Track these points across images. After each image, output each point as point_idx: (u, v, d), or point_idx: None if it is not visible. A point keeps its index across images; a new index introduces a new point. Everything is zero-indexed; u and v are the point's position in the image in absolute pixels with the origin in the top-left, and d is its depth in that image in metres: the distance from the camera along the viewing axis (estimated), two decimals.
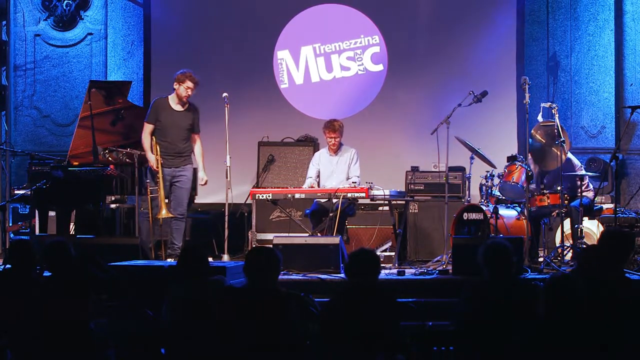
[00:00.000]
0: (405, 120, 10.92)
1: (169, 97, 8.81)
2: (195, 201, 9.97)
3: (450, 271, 7.82)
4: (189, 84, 8.65)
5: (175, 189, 8.76)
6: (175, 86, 8.70)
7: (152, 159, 8.67)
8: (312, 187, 9.01)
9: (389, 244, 9.48)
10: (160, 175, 8.61)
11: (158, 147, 8.68)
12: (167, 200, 8.70)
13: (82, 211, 9.37)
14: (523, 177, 8.49)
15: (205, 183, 8.89)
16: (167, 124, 8.73)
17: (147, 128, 8.77)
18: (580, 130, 10.99)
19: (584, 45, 10.99)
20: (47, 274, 5.88)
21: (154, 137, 8.72)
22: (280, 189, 9.01)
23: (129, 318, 6.05)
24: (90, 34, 11.42)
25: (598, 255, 5.28)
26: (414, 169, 9.45)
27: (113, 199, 9.70)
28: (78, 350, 5.33)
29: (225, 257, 8.75)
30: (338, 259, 7.89)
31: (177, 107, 8.78)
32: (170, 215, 8.61)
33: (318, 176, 9.21)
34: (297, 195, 8.82)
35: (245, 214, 9.85)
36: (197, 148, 8.87)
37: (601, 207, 9.28)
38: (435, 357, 5.58)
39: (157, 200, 8.62)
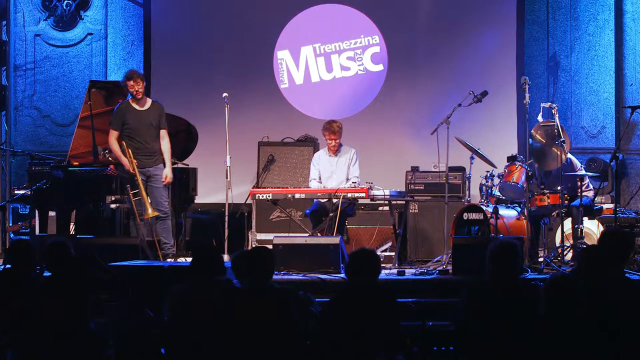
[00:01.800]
0: (405, 120, 10.92)
1: (130, 100, 8.77)
2: (195, 201, 9.98)
3: (450, 271, 7.82)
4: (129, 82, 8.64)
5: (151, 189, 8.69)
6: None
7: (126, 162, 8.62)
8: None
9: (389, 244, 9.47)
10: (138, 177, 8.57)
11: (130, 151, 8.63)
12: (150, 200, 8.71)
13: (82, 211, 9.37)
14: (523, 177, 8.49)
15: (169, 181, 8.74)
16: (136, 125, 8.69)
17: (113, 134, 8.72)
18: (580, 130, 10.99)
19: (584, 45, 11.00)
20: (47, 273, 5.88)
21: (123, 142, 8.66)
22: (280, 189, 9.00)
23: (129, 318, 6.05)
24: (90, 34, 11.42)
25: (598, 255, 5.28)
26: (414, 169, 9.44)
27: (113, 199, 9.70)
28: (78, 350, 5.32)
29: (225, 257, 8.74)
30: (338, 259, 7.89)
31: (140, 107, 8.75)
32: (156, 214, 8.59)
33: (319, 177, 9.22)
34: (297, 195, 8.81)
35: (245, 214, 9.85)
36: (165, 144, 8.77)
37: (601, 207, 9.28)
38: (435, 357, 5.59)
39: (140, 202, 8.58)
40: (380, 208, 9.86)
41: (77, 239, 8.17)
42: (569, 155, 8.62)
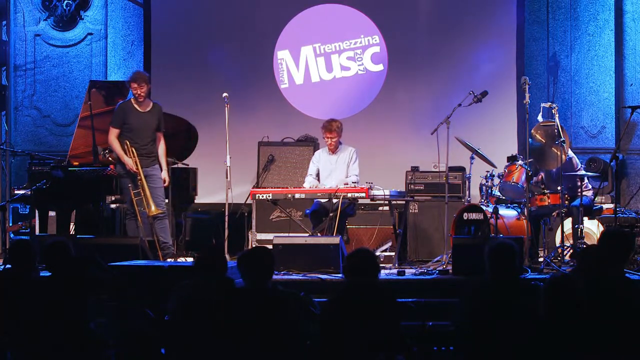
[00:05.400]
0: (405, 120, 10.92)
1: (132, 99, 8.76)
2: (195, 201, 9.99)
3: (450, 271, 7.82)
4: (133, 84, 8.64)
5: (149, 189, 8.70)
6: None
7: (130, 161, 8.59)
8: (312, 186, 9.00)
9: (389, 244, 9.47)
10: (141, 175, 8.57)
11: (133, 150, 8.62)
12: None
13: (82, 211, 9.37)
14: (523, 177, 8.50)
15: (168, 184, 8.81)
16: (136, 126, 8.68)
17: (113, 132, 8.69)
18: (580, 130, 10.99)
19: (584, 45, 11.00)
20: (47, 273, 5.88)
21: (127, 141, 8.67)
22: (280, 189, 9.00)
23: (129, 318, 6.05)
24: (91, 34, 11.43)
25: (598, 255, 5.28)
26: (414, 169, 9.44)
27: (113, 199, 9.71)
28: (78, 350, 5.33)
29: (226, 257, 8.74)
30: (338, 259, 7.88)
31: (142, 109, 8.75)
32: (160, 211, 8.59)
33: (318, 174, 9.22)
34: (297, 195, 8.81)
35: (245, 214, 9.85)
36: (161, 147, 8.79)
37: (601, 207, 9.28)
38: (435, 357, 5.59)
39: (142, 201, 8.56)
40: (380, 208, 9.86)
41: (77, 239, 8.17)
42: (570, 153, 8.61)
